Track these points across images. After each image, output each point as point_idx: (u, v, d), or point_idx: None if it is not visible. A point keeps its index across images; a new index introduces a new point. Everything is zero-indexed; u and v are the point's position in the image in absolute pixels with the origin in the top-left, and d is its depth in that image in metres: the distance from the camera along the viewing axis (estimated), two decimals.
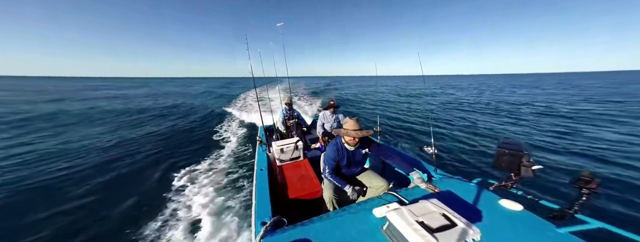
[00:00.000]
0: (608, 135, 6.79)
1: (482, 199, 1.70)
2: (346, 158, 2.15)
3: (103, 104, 15.76)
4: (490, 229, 1.35)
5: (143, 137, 7.61)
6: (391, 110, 13.17)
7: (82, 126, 9.22)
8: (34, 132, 8.02)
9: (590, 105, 12.91)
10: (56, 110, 12.69)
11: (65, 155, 5.77)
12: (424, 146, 2.46)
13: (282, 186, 2.49)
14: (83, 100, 18.31)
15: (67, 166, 5.10)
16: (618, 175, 4.19)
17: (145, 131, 8.47)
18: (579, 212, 1.35)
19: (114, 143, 6.91)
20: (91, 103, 16.39)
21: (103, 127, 9.04)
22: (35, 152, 5.96)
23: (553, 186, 3.82)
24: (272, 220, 1.50)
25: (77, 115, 11.61)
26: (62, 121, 10.21)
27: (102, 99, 19.99)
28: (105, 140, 7.20)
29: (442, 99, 18.10)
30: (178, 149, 6.48)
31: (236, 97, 20.49)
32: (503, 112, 11.48)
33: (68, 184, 4.30)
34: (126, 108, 14.10)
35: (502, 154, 1.62)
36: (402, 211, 1.31)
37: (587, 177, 1.30)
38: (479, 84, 39.64)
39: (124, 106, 14.91)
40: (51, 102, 16.85)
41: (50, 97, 20.48)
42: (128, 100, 18.37)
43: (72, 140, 7.19)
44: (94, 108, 14.09)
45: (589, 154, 5.31)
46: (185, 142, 7.21)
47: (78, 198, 3.84)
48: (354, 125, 2.02)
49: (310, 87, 34.26)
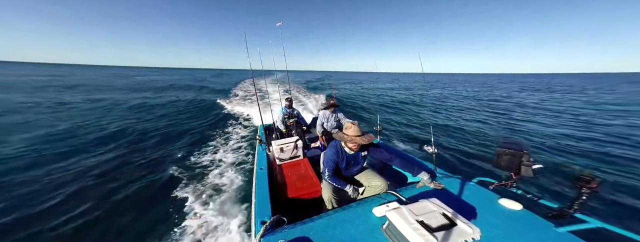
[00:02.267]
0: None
1: (481, 198, 1.71)
2: (345, 161, 2.15)
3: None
4: (490, 228, 1.35)
5: (131, 135, 7.48)
6: (391, 110, 13.16)
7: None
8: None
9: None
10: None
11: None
12: (424, 145, 2.46)
13: (281, 185, 2.49)
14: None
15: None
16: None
17: (129, 127, 8.33)
18: (578, 212, 1.35)
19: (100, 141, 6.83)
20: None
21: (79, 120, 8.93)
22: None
23: (553, 186, 3.82)
24: (272, 219, 1.50)
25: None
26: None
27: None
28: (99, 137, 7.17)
29: (442, 95, 18.11)
30: (175, 147, 6.47)
31: (229, 91, 19.99)
32: (503, 112, 11.49)
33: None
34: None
35: (503, 154, 1.62)
36: (401, 210, 1.31)
37: (587, 177, 1.30)
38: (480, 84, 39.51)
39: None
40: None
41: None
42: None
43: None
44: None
45: (589, 155, 5.32)
46: (181, 139, 7.18)
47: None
48: (356, 131, 1.98)
49: (308, 81, 34.14)
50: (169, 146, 6.68)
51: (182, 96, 16.40)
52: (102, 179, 4.49)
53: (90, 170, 4.81)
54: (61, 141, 6.42)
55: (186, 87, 23.22)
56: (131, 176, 4.67)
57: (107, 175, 4.67)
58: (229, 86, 24.39)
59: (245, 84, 26.52)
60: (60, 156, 5.39)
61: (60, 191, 3.92)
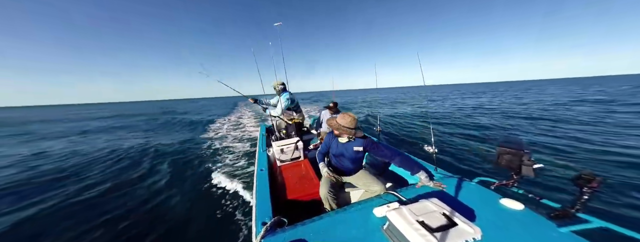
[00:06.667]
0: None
1: (482, 198, 1.70)
2: (336, 148, 2.24)
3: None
4: (491, 228, 1.34)
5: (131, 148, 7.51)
6: (391, 111, 13.15)
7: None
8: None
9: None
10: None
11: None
12: (424, 145, 2.46)
13: (282, 186, 2.49)
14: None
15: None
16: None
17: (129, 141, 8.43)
18: (580, 211, 1.34)
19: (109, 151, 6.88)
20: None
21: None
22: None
23: (554, 185, 3.80)
24: (272, 220, 1.50)
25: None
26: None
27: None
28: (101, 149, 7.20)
29: (443, 101, 18.08)
30: (177, 150, 6.49)
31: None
32: (503, 113, 11.47)
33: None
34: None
35: (503, 153, 1.61)
36: (402, 210, 1.30)
37: (588, 176, 1.29)
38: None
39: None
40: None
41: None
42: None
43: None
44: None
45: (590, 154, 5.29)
46: (183, 144, 7.22)
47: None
48: (344, 120, 2.03)
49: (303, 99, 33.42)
50: (168, 149, 6.70)
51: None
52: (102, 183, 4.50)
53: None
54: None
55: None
56: (128, 181, 4.68)
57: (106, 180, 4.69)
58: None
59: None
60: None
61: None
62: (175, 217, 3.33)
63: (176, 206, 3.63)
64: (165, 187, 4.31)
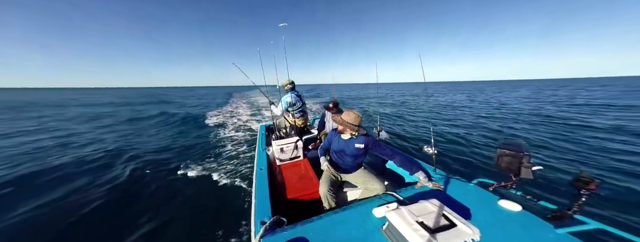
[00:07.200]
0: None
1: (481, 199, 1.71)
2: (338, 144, 2.29)
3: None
4: (489, 229, 1.35)
5: (134, 144, 7.56)
6: (391, 110, 13.16)
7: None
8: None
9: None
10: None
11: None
12: (424, 145, 2.46)
13: (281, 186, 2.49)
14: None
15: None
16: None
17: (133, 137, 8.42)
18: (577, 213, 1.35)
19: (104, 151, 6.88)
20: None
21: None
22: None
23: (552, 187, 3.83)
24: (271, 219, 1.50)
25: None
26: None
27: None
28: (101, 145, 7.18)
29: (443, 100, 18.10)
30: (175, 150, 6.48)
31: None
32: (503, 114, 11.49)
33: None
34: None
35: (503, 155, 1.62)
36: (401, 211, 1.31)
37: (586, 178, 1.30)
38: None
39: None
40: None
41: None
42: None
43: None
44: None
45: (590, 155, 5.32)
46: (182, 143, 7.21)
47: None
48: (349, 117, 2.11)
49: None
50: (166, 147, 6.69)
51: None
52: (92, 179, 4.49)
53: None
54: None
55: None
56: (128, 178, 4.68)
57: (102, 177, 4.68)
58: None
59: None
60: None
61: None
62: (173, 216, 3.33)
63: (174, 205, 3.63)
64: (162, 185, 4.30)
